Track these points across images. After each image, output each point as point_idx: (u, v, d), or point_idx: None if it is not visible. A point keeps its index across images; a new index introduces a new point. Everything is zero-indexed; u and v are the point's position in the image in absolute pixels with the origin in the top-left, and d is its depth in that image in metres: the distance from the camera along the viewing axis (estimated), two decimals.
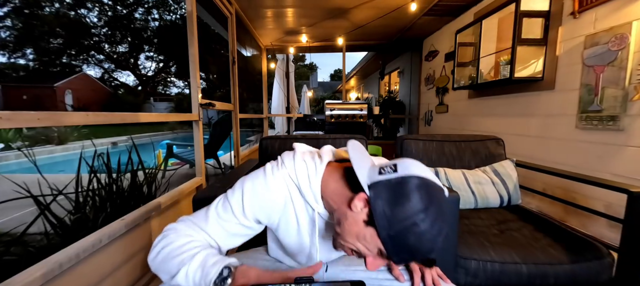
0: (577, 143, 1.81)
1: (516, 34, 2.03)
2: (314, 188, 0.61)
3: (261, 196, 0.61)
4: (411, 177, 0.51)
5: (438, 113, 3.88)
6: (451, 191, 0.99)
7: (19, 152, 6.32)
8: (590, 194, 1.68)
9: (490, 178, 1.46)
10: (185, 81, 23.92)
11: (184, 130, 14.67)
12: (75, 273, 0.98)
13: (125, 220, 1.25)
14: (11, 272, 0.81)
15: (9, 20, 17.40)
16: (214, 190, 0.98)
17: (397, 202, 0.49)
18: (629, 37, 1.49)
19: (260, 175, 0.64)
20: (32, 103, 16.57)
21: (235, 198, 0.62)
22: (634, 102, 1.48)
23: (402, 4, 3.06)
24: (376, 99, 8.21)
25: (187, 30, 1.89)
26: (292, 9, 3.30)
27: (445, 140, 1.63)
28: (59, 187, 1.33)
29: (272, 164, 0.67)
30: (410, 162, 0.55)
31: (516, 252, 1.01)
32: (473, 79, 2.61)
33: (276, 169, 0.64)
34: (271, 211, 0.63)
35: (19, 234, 1.10)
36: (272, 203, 0.62)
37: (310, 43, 4.61)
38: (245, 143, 6.23)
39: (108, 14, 19.95)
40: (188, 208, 1.85)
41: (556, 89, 1.97)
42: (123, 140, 9.46)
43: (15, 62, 18.73)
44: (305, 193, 0.62)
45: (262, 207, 0.62)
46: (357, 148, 0.61)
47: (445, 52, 3.62)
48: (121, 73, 23.60)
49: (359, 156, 0.59)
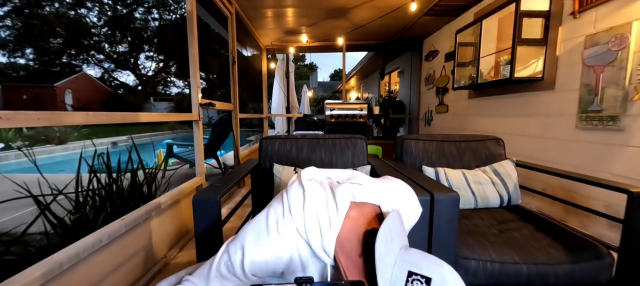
0: (577, 143, 1.81)
1: (516, 34, 2.03)
2: (327, 246, 0.56)
3: (264, 255, 0.56)
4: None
5: (438, 113, 3.88)
6: (451, 191, 0.99)
7: (19, 151, 6.32)
8: (590, 194, 1.69)
9: (490, 178, 1.46)
10: (185, 81, 23.90)
11: (184, 130, 14.66)
12: (75, 273, 0.98)
13: (125, 220, 1.25)
14: (11, 272, 0.81)
15: (9, 20, 17.40)
16: (214, 189, 0.98)
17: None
18: (629, 37, 1.49)
19: (263, 231, 0.58)
20: (32, 103, 16.56)
21: (237, 257, 0.57)
22: (634, 102, 1.48)
23: (402, 4, 3.06)
24: (376, 99, 8.21)
25: (187, 30, 1.89)
26: (292, 8, 3.30)
27: (445, 140, 1.63)
28: (59, 187, 1.33)
29: (277, 212, 0.60)
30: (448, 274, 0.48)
31: (516, 252, 1.01)
32: (473, 79, 2.61)
33: (282, 222, 0.58)
34: (276, 267, 0.58)
35: (19, 234, 1.10)
36: (276, 261, 0.57)
37: (310, 43, 4.61)
38: (245, 143, 6.23)
39: (108, 14, 19.95)
40: (188, 208, 1.85)
41: (556, 89, 1.97)
42: (123, 140, 9.45)
43: (15, 62, 18.72)
44: (316, 250, 0.57)
45: (267, 264, 0.57)
46: (390, 226, 0.53)
47: (445, 52, 3.62)
48: (121, 73, 23.59)
49: (385, 251, 0.50)
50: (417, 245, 0.98)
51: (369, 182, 0.69)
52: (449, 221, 0.95)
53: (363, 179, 0.70)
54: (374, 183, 0.70)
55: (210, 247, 0.94)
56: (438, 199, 0.95)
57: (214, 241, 0.94)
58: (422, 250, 0.97)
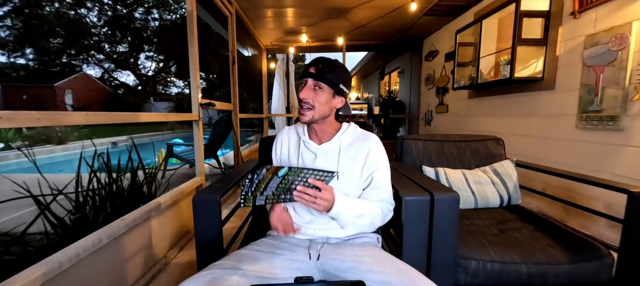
0: (577, 143, 1.81)
1: (516, 34, 2.03)
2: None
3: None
4: None
5: (438, 113, 3.88)
6: (451, 191, 0.99)
7: (19, 151, 6.32)
8: (590, 194, 1.69)
9: (490, 178, 1.45)
10: (185, 81, 23.89)
11: (184, 130, 14.65)
12: (75, 273, 0.98)
13: (125, 219, 1.25)
14: (11, 272, 0.81)
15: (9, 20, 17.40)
16: (214, 189, 0.98)
17: None
18: (629, 37, 1.49)
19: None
20: (32, 103, 16.56)
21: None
22: (634, 102, 1.48)
23: (402, 4, 3.06)
24: (376, 99, 8.21)
25: (187, 30, 1.89)
26: (292, 8, 3.30)
27: (445, 140, 1.63)
28: (59, 187, 1.33)
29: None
30: None
31: (516, 252, 1.01)
32: (473, 79, 2.61)
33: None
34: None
35: (19, 234, 1.10)
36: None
37: (310, 43, 4.61)
38: (245, 143, 6.23)
39: (108, 14, 19.94)
40: (188, 208, 1.85)
41: (556, 89, 1.97)
42: (123, 140, 9.45)
43: (15, 62, 18.72)
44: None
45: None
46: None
47: (445, 52, 3.62)
48: (121, 73, 23.58)
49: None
50: (417, 245, 0.98)
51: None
52: (449, 221, 0.95)
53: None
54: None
55: (210, 247, 0.94)
56: (438, 199, 0.95)
57: (214, 242, 0.94)
58: (423, 249, 0.98)
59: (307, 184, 0.72)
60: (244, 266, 0.71)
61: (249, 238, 1.05)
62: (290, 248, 0.82)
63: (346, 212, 0.79)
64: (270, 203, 0.79)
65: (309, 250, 0.82)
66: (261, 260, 0.76)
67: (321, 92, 0.85)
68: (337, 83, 0.86)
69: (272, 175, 0.69)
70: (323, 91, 0.85)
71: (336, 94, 0.88)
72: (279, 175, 0.69)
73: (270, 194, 0.73)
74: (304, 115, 0.86)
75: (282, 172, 0.69)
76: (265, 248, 0.81)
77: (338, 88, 0.87)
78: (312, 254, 0.80)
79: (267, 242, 0.85)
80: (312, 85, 0.85)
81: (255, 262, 0.74)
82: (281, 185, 0.72)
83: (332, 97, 0.88)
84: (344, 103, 0.92)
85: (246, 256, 0.76)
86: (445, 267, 0.98)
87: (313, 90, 0.85)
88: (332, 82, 0.85)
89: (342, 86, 0.88)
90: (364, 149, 0.90)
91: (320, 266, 0.79)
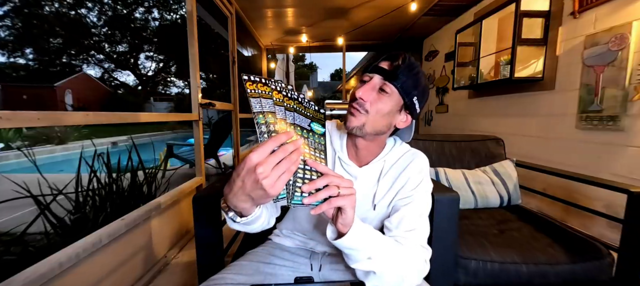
0: (577, 143, 1.81)
1: (516, 34, 2.03)
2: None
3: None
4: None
5: (438, 113, 3.88)
6: (451, 191, 0.99)
7: (19, 151, 6.32)
8: (591, 194, 1.68)
9: (490, 178, 1.46)
10: (185, 81, 23.91)
11: (184, 130, 14.66)
12: (75, 273, 0.98)
13: (125, 219, 1.25)
14: (11, 272, 0.81)
15: (9, 20, 17.40)
16: (214, 189, 0.98)
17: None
18: (629, 37, 1.49)
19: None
20: (32, 103, 16.57)
21: None
22: (634, 102, 1.48)
23: (402, 4, 3.06)
24: None
25: (187, 30, 1.89)
26: (292, 8, 3.30)
27: (445, 140, 1.63)
28: (59, 187, 1.33)
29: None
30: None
31: (516, 252, 1.01)
32: (473, 79, 2.61)
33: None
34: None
35: (19, 234, 1.10)
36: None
37: (310, 43, 4.61)
38: (245, 143, 6.22)
39: (108, 14, 19.94)
40: (188, 208, 1.85)
41: (556, 89, 1.97)
42: (123, 140, 9.45)
43: (15, 62, 18.73)
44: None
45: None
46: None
47: (445, 52, 3.62)
48: (121, 73, 23.60)
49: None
50: None
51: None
52: (449, 221, 0.95)
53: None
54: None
55: (210, 247, 0.94)
56: (438, 199, 0.95)
57: (214, 242, 0.94)
58: None
59: (305, 175, 0.49)
60: (244, 278, 0.70)
61: (249, 239, 1.05)
62: (292, 258, 0.80)
63: (366, 246, 0.56)
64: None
65: (310, 260, 0.79)
66: (262, 271, 0.75)
67: (386, 97, 0.63)
68: (411, 94, 0.64)
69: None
70: (389, 97, 0.63)
71: (404, 109, 0.67)
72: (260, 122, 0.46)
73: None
74: (353, 117, 0.65)
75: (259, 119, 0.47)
76: (265, 259, 0.79)
77: (411, 100, 0.65)
78: (314, 265, 0.78)
79: (268, 252, 0.83)
80: (378, 84, 0.64)
81: (255, 274, 0.73)
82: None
83: (398, 111, 0.66)
84: (408, 124, 0.70)
85: (246, 268, 0.75)
86: (445, 267, 0.98)
87: (377, 91, 0.64)
88: (406, 90, 0.63)
89: (416, 100, 0.66)
90: (405, 171, 0.71)
91: (322, 277, 0.76)
